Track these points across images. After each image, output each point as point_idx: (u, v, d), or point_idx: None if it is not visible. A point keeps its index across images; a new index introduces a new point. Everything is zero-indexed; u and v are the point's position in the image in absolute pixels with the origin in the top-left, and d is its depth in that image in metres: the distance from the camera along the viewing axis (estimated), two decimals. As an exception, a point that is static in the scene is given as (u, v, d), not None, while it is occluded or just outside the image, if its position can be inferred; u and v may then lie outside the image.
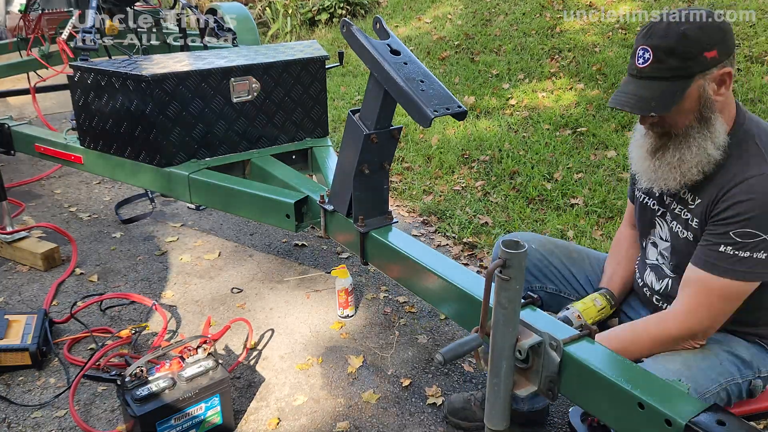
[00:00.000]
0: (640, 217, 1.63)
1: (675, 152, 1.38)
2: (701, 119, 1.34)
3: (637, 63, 1.34)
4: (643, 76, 1.34)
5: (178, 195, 2.37)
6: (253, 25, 4.18)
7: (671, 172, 1.39)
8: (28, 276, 2.88)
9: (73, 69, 2.42)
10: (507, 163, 3.93)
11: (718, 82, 1.32)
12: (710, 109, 1.34)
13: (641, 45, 1.34)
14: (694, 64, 1.30)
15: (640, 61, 1.34)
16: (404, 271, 1.66)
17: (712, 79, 1.32)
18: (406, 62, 1.59)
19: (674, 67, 1.30)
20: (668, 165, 1.39)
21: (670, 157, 1.39)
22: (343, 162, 1.77)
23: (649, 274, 1.60)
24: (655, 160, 1.42)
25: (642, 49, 1.34)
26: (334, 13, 7.80)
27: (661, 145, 1.41)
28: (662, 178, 1.42)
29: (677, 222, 1.47)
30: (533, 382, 1.22)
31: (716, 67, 1.31)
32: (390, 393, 2.16)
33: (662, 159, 1.40)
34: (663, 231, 1.54)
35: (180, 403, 1.80)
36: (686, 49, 1.29)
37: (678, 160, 1.38)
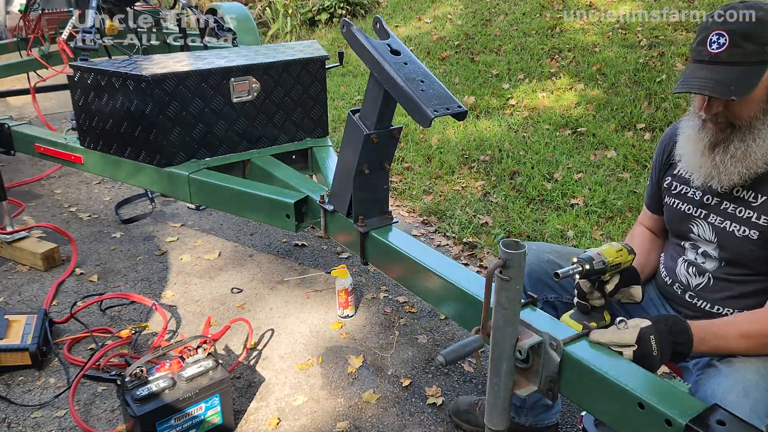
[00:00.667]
0: (672, 221, 1.60)
1: (740, 144, 1.35)
2: (766, 110, 1.33)
3: (710, 48, 1.32)
4: (717, 61, 1.32)
5: (178, 195, 2.37)
6: (253, 25, 4.19)
7: (735, 166, 1.36)
8: (28, 276, 2.88)
9: (73, 69, 2.42)
10: (507, 163, 3.93)
11: None
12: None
13: (716, 30, 1.32)
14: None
15: (713, 46, 1.32)
16: (404, 271, 1.66)
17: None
18: (406, 62, 1.59)
19: (751, 52, 1.29)
20: (732, 158, 1.36)
21: (734, 149, 1.36)
22: (343, 162, 1.77)
23: (683, 271, 1.56)
24: (717, 154, 1.38)
25: (717, 34, 1.32)
26: (334, 13, 7.80)
27: (724, 138, 1.38)
28: (725, 173, 1.38)
29: (733, 221, 1.44)
30: (533, 382, 1.22)
31: None
32: (390, 393, 2.16)
33: (725, 152, 1.37)
34: (705, 232, 1.51)
35: (180, 403, 1.80)
36: (763, 34, 1.29)
37: (743, 153, 1.35)
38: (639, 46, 5.22)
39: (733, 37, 1.30)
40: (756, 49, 1.29)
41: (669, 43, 5.11)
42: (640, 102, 4.44)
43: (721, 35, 1.31)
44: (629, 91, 4.62)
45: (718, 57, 1.32)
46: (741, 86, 1.30)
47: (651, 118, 4.23)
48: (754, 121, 1.34)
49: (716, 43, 1.32)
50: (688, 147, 1.46)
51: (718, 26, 1.32)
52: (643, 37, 5.31)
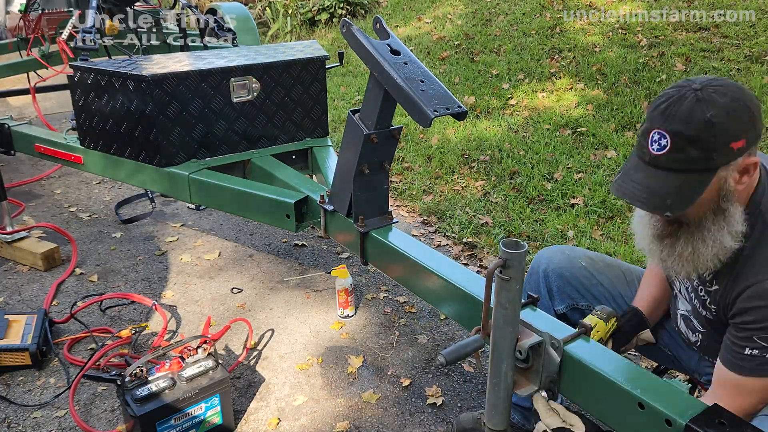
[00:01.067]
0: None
1: (687, 245, 1.23)
2: (717, 210, 1.19)
3: (651, 149, 1.16)
4: (657, 165, 1.16)
5: (178, 195, 2.37)
6: (253, 25, 4.18)
7: (684, 265, 1.25)
8: (28, 276, 2.88)
9: (73, 69, 2.42)
10: (507, 163, 3.93)
11: (742, 171, 1.16)
12: (729, 200, 1.18)
13: (657, 128, 1.14)
14: (719, 156, 1.12)
15: (654, 146, 1.15)
16: (404, 271, 1.66)
17: (735, 169, 1.15)
18: (406, 62, 1.59)
19: (695, 159, 1.12)
20: (679, 257, 1.24)
21: (681, 248, 1.24)
22: (343, 162, 1.77)
23: (682, 324, 1.51)
24: (664, 247, 1.27)
25: (658, 134, 1.14)
26: (334, 13, 7.80)
27: (671, 232, 1.25)
28: (672, 268, 1.28)
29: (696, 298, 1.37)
30: (533, 382, 1.22)
31: (742, 156, 1.14)
32: (390, 393, 2.16)
33: (672, 248, 1.25)
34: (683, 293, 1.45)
35: (180, 403, 1.80)
36: (711, 140, 1.11)
37: (691, 254, 1.23)
38: (639, 46, 5.22)
39: (676, 140, 1.12)
40: (701, 155, 1.12)
41: (669, 43, 5.11)
42: (640, 102, 4.44)
43: (663, 136, 1.14)
44: (629, 91, 4.63)
45: (657, 160, 1.16)
46: (680, 198, 1.15)
47: (651, 118, 4.23)
48: (703, 221, 1.20)
49: (657, 144, 1.15)
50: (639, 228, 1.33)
51: (661, 123, 1.14)
52: (643, 37, 5.31)
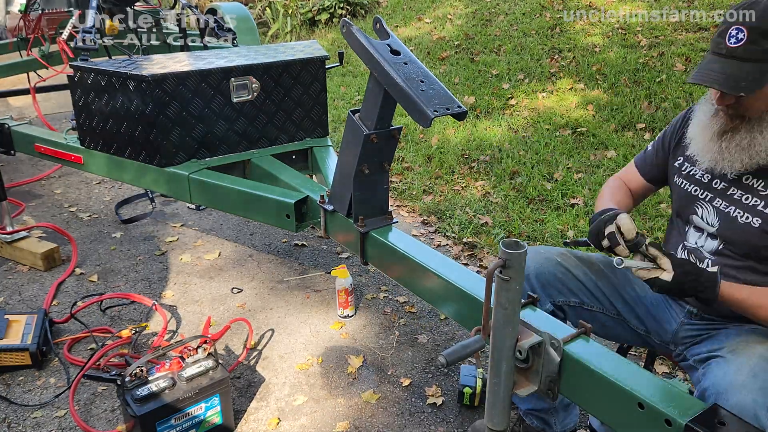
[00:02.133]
0: (679, 201, 1.63)
1: (746, 134, 1.39)
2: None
3: (728, 42, 1.34)
4: (733, 55, 1.33)
5: (178, 195, 2.37)
6: (253, 25, 4.18)
7: (739, 154, 1.41)
8: (28, 276, 2.88)
9: (73, 69, 2.42)
10: (507, 163, 3.93)
11: None
12: None
13: (735, 25, 1.33)
14: None
15: (732, 40, 1.33)
16: (404, 271, 1.66)
17: None
18: (406, 62, 1.59)
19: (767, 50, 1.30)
20: (737, 146, 1.41)
21: (740, 138, 1.40)
22: (343, 162, 1.77)
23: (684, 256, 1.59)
24: (723, 141, 1.43)
25: (736, 29, 1.33)
26: (334, 13, 7.80)
27: (733, 127, 1.41)
28: (728, 159, 1.43)
29: (737, 207, 1.47)
30: (533, 382, 1.22)
31: None
32: (390, 393, 2.16)
33: (731, 140, 1.41)
34: (709, 215, 1.54)
35: (180, 403, 1.80)
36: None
37: (748, 143, 1.39)
38: (639, 46, 5.22)
39: (752, 34, 1.31)
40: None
41: (669, 43, 5.11)
42: (640, 102, 4.45)
43: (741, 30, 1.32)
44: (629, 91, 4.63)
45: (734, 51, 1.33)
46: (752, 83, 1.31)
47: (651, 118, 4.24)
48: (764, 115, 1.37)
49: (735, 38, 1.33)
50: (698, 131, 1.50)
51: (740, 20, 1.33)
52: (643, 38, 5.31)
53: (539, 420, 1.82)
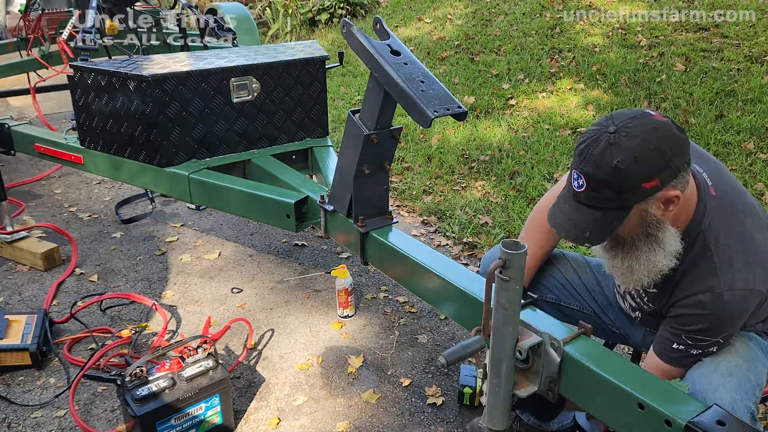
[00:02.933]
0: None
1: (624, 261, 1.34)
2: (647, 235, 1.28)
3: (573, 185, 1.26)
4: (578, 200, 1.26)
5: (178, 195, 2.37)
6: (253, 25, 4.18)
7: (624, 277, 1.37)
8: (28, 276, 2.88)
9: (73, 69, 2.42)
10: (507, 163, 3.93)
11: (665, 202, 1.23)
12: (656, 226, 1.26)
13: (575, 168, 1.24)
14: (631, 196, 1.20)
15: (575, 184, 1.25)
16: (404, 271, 1.66)
17: (656, 201, 1.22)
18: (406, 62, 1.59)
19: (608, 198, 1.21)
20: (619, 269, 1.37)
21: (619, 263, 1.35)
22: (343, 162, 1.77)
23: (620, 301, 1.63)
24: (610, 258, 1.38)
25: (576, 173, 1.24)
26: (334, 13, 7.80)
27: (612, 247, 1.36)
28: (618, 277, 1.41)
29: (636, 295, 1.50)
30: (533, 383, 1.22)
31: (660, 192, 1.20)
32: (390, 393, 2.16)
33: (614, 262, 1.37)
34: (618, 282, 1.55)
35: (180, 403, 1.80)
36: (620, 183, 1.19)
37: (627, 269, 1.34)
38: (639, 46, 5.22)
39: (590, 182, 1.21)
40: (614, 196, 1.20)
41: (669, 43, 5.11)
42: (640, 102, 4.44)
43: (579, 176, 1.23)
44: (629, 91, 4.63)
45: (578, 196, 1.26)
46: (598, 231, 1.25)
47: (651, 118, 4.23)
48: (637, 242, 1.30)
49: (576, 182, 1.24)
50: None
51: (578, 164, 1.23)
52: (643, 38, 5.31)
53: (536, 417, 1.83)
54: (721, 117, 4.09)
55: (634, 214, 1.23)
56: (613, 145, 1.18)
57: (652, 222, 1.25)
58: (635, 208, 1.22)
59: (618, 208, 1.22)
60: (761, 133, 3.86)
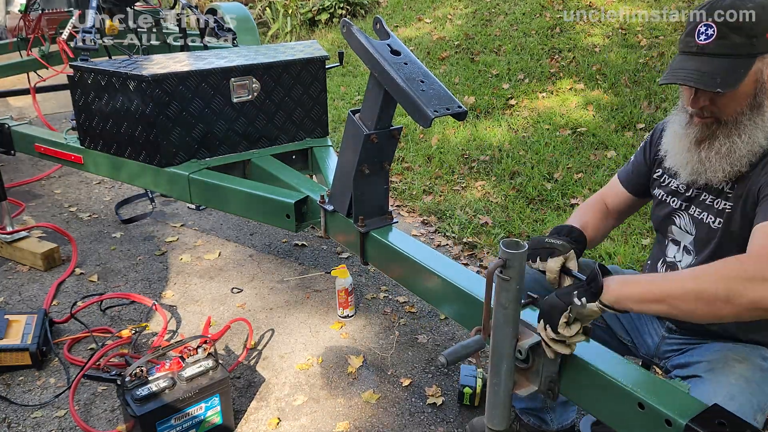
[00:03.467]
0: (657, 214, 1.58)
1: (725, 140, 1.32)
2: (753, 105, 1.30)
3: (698, 39, 1.30)
4: (705, 52, 1.29)
5: (178, 195, 2.37)
6: (253, 25, 4.18)
7: (720, 162, 1.33)
8: (28, 276, 2.88)
9: (73, 69, 2.42)
10: (507, 163, 3.93)
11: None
12: (764, 94, 1.30)
13: (704, 21, 1.29)
14: (759, 43, 1.26)
15: (701, 37, 1.29)
16: (404, 271, 1.66)
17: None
18: (406, 62, 1.59)
19: (739, 44, 1.26)
20: (717, 154, 1.33)
21: (719, 145, 1.33)
22: (343, 162, 1.77)
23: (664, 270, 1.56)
24: (702, 150, 1.36)
25: (705, 25, 1.29)
26: (334, 13, 7.80)
27: (710, 134, 1.35)
28: (710, 169, 1.36)
29: (707, 212, 1.43)
30: (533, 382, 1.22)
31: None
32: (390, 393, 2.16)
33: (710, 148, 1.34)
34: (687, 224, 1.49)
35: (180, 403, 1.80)
36: (752, 27, 1.26)
37: (728, 149, 1.32)
38: (639, 46, 5.22)
39: (721, 29, 1.27)
40: (744, 41, 1.26)
41: (669, 43, 5.11)
42: (639, 102, 4.45)
43: (709, 26, 1.29)
44: (629, 91, 4.63)
45: (705, 48, 1.29)
46: (727, 78, 1.26)
47: (651, 118, 4.23)
48: (740, 117, 1.31)
49: (704, 34, 1.29)
50: (674, 143, 1.44)
51: (707, 16, 1.29)
52: (643, 38, 5.31)
53: (535, 418, 1.83)
54: (721, 117, 4.09)
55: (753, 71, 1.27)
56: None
57: (762, 86, 1.28)
58: (756, 62, 1.26)
59: (745, 55, 1.26)
60: (761, 133, 3.86)
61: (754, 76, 1.28)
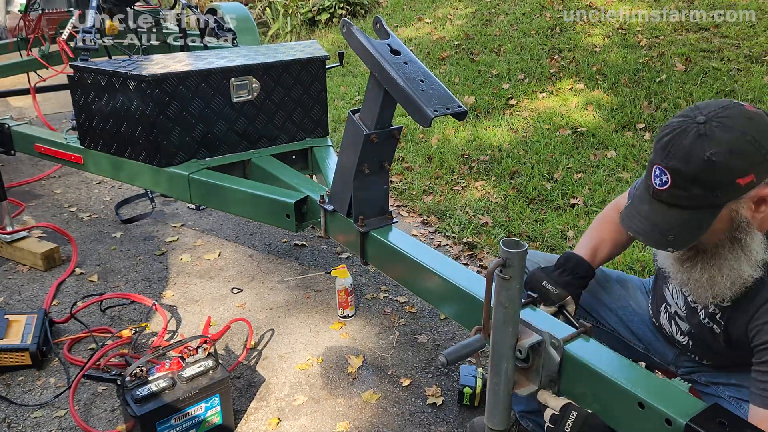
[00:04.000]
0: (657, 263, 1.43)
1: (704, 272, 1.19)
2: (733, 240, 1.15)
3: (654, 183, 1.12)
4: (660, 199, 1.13)
5: (178, 195, 2.37)
6: (253, 25, 4.18)
7: (702, 291, 1.22)
8: (28, 276, 2.88)
9: (73, 69, 2.42)
10: (507, 163, 3.93)
11: (757, 202, 1.11)
12: (745, 230, 1.13)
13: (657, 164, 1.11)
14: (723, 193, 1.08)
15: (657, 181, 1.11)
16: (404, 271, 1.66)
17: (748, 200, 1.10)
18: (406, 62, 1.59)
19: (698, 196, 1.08)
20: (697, 283, 1.22)
21: (698, 275, 1.21)
22: (343, 162, 1.77)
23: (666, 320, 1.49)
24: (684, 271, 1.24)
25: (659, 169, 1.10)
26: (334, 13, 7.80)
27: (689, 257, 1.22)
28: (693, 292, 1.26)
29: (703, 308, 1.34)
30: (534, 382, 1.22)
31: (754, 190, 1.08)
32: (390, 393, 2.16)
33: (691, 274, 1.22)
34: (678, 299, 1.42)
35: (180, 403, 1.80)
36: (713, 179, 1.06)
37: (708, 281, 1.20)
38: (639, 46, 5.22)
39: (676, 179, 1.08)
40: (705, 194, 1.08)
41: (669, 43, 5.11)
42: (640, 102, 4.44)
43: (664, 172, 1.09)
44: (629, 91, 4.62)
45: (660, 195, 1.12)
46: (683, 234, 1.12)
47: (651, 118, 4.23)
48: (720, 249, 1.17)
49: (659, 179, 1.11)
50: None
51: (662, 158, 1.10)
52: (643, 38, 5.31)
53: (534, 423, 1.82)
54: (721, 117, 4.09)
55: (723, 216, 1.11)
56: (704, 137, 1.05)
57: (741, 225, 1.12)
58: (726, 208, 1.10)
59: (707, 207, 1.09)
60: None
61: (728, 217, 1.12)
